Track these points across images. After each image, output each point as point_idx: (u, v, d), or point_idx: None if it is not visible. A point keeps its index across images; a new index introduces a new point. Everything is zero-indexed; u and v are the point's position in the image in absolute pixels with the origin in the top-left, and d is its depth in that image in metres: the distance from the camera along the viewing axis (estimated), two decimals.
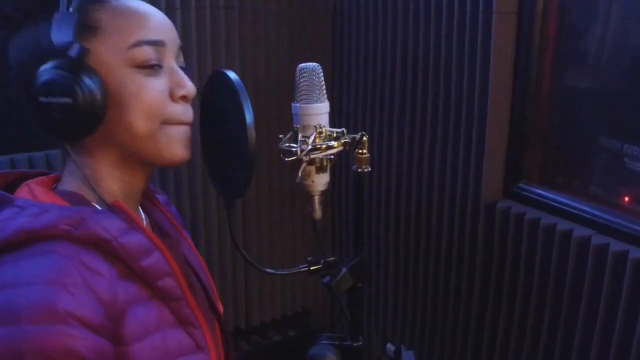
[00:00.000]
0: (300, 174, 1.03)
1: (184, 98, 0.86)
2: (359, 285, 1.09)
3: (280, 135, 1.05)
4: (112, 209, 0.81)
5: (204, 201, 2.16)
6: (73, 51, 0.76)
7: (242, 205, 2.26)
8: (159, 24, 0.85)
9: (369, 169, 1.04)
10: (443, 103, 1.78)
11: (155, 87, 0.83)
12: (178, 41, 0.89)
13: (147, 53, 0.82)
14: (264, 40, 2.16)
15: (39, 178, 0.86)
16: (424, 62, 1.84)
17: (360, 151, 1.03)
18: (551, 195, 1.59)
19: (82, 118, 0.77)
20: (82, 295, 0.69)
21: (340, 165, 2.31)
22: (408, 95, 1.92)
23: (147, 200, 0.98)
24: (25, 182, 0.83)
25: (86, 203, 0.83)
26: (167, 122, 0.85)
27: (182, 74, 0.87)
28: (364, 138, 1.02)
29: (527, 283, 1.57)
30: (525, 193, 1.66)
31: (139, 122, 0.82)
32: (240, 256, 1.07)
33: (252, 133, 0.88)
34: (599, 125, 1.51)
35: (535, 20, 1.57)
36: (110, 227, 0.76)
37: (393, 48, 1.96)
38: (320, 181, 1.05)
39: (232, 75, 0.91)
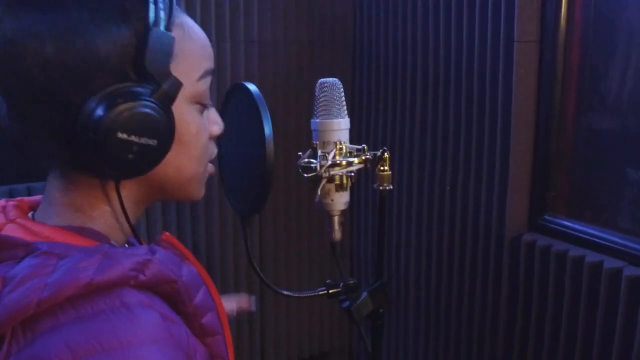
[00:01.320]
0: (319, 192, 1.00)
1: (216, 137, 0.80)
2: (380, 310, 1.03)
3: (300, 153, 1.03)
4: (161, 243, 0.72)
5: (220, 220, 2.11)
6: (170, 85, 0.62)
7: (259, 228, 2.21)
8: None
9: (391, 187, 1.01)
10: (465, 133, 1.75)
11: (205, 128, 0.74)
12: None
13: (207, 86, 0.72)
14: (284, 70, 2.16)
15: (12, 210, 0.68)
16: (444, 92, 1.82)
17: (381, 168, 1.00)
18: (579, 227, 1.53)
19: (152, 159, 0.64)
20: (173, 346, 0.59)
21: (359, 184, 2.26)
22: (429, 125, 1.89)
23: None
24: (3, 217, 0.67)
25: (103, 240, 0.69)
26: (208, 165, 0.78)
27: (214, 110, 0.80)
28: (386, 154, 0.99)
29: (555, 318, 1.50)
30: (551, 225, 1.60)
31: (193, 165, 0.72)
32: (258, 281, 1.03)
33: (270, 145, 0.85)
34: (626, 156, 1.47)
35: (557, 48, 1.55)
36: (172, 266, 0.65)
37: (413, 78, 1.95)
38: (340, 200, 1.01)
39: (252, 87, 0.89)
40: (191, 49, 0.68)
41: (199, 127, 0.71)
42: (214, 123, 0.77)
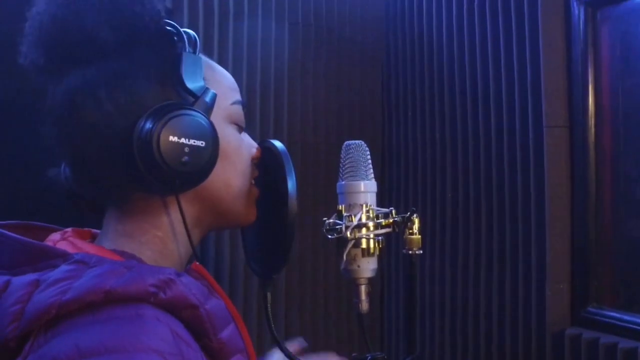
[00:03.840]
0: (344, 257, 0.94)
1: (254, 158, 0.84)
2: None
3: (325, 218, 0.99)
4: (191, 273, 0.70)
5: (245, 282, 1.99)
6: (208, 96, 0.71)
7: (284, 301, 2.08)
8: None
9: (421, 252, 0.95)
10: (497, 224, 1.70)
11: (246, 145, 0.81)
12: None
13: (241, 112, 0.81)
14: (313, 127, 2.15)
15: (70, 232, 0.74)
16: (474, 184, 1.79)
17: (410, 231, 0.95)
18: (628, 318, 1.42)
19: (204, 162, 0.69)
20: None
21: (391, 251, 2.16)
22: (460, 219, 1.84)
23: None
24: (60, 236, 0.72)
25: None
26: (252, 181, 0.82)
27: (248, 135, 0.86)
28: (415, 216, 0.94)
29: None
30: (597, 317, 1.49)
31: (239, 179, 0.78)
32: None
33: (293, 199, 0.82)
34: None
35: (588, 132, 1.53)
36: (197, 292, 0.64)
37: (442, 174, 1.93)
38: (367, 266, 0.95)
39: (277, 144, 0.88)
40: (220, 79, 0.78)
41: (239, 143, 0.78)
42: (251, 146, 0.82)
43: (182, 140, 0.66)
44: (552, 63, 1.55)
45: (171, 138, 0.66)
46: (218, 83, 0.76)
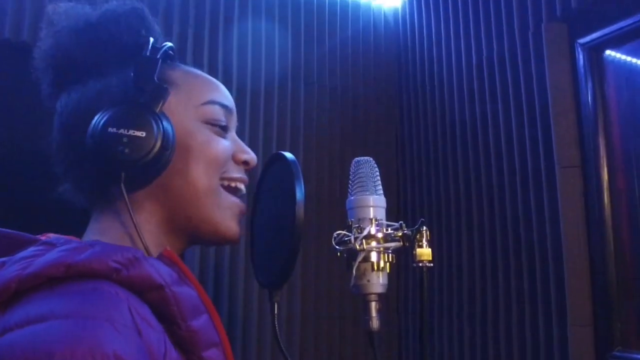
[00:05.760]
0: (354, 271, 0.94)
1: (245, 163, 0.85)
2: None
3: (334, 234, 1.00)
4: (161, 258, 0.70)
5: (244, 297, 1.97)
6: (159, 93, 0.74)
7: (287, 315, 2.03)
8: (228, 94, 0.88)
9: (431, 265, 0.94)
10: (514, 266, 1.67)
11: (222, 143, 0.81)
12: (237, 123, 0.91)
13: (218, 112, 0.82)
14: (328, 183, 2.17)
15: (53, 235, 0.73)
16: (490, 225, 1.78)
17: (420, 243, 0.95)
18: None
19: (150, 156, 0.71)
20: (133, 338, 0.55)
21: (407, 271, 2.10)
22: (477, 260, 1.82)
23: None
24: (41, 237, 0.72)
25: None
26: (226, 179, 0.81)
27: (244, 144, 0.87)
28: (424, 228, 0.94)
29: None
30: None
31: (200, 173, 0.77)
32: None
33: (300, 206, 0.83)
34: None
35: (601, 171, 1.54)
36: (164, 274, 0.64)
37: (458, 212, 1.93)
38: (377, 281, 0.94)
39: (287, 154, 0.91)
40: (193, 82, 0.81)
41: (208, 139, 0.78)
42: (241, 151, 0.83)
43: (121, 130, 0.69)
44: (561, 105, 1.58)
45: (109, 129, 0.69)
46: (188, 84, 0.80)
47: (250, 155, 0.85)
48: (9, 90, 1.67)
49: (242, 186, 0.85)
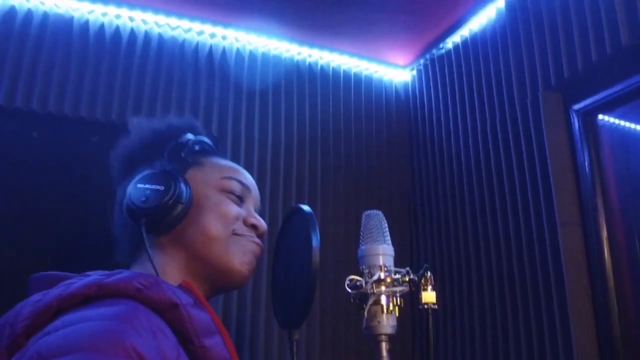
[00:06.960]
0: (366, 314, 1.04)
1: (253, 227, 0.99)
2: None
3: (347, 279, 1.09)
4: (180, 287, 0.84)
5: (266, 332, 2.00)
6: (176, 163, 0.98)
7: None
8: (250, 177, 1.05)
9: (435, 307, 1.03)
10: (523, 321, 1.73)
11: (233, 207, 0.98)
12: (259, 204, 1.06)
13: (235, 185, 1.00)
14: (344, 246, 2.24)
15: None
16: (498, 281, 1.85)
17: (425, 287, 1.04)
18: None
19: (165, 205, 0.89)
20: (150, 340, 0.66)
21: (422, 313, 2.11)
22: (488, 318, 1.87)
23: None
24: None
25: None
26: (237, 233, 0.96)
27: (258, 215, 1.02)
28: (428, 273, 1.04)
29: None
30: None
31: (212, 223, 0.94)
32: None
33: (316, 252, 0.95)
34: None
35: (600, 229, 1.62)
36: (181, 296, 0.77)
37: (468, 270, 2.00)
38: (387, 322, 1.03)
39: (304, 207, 1.03)
40: (217, 164, 1.03)
41: (220, 201, 0.97)
42: (253, 217, 1.00)
43: (146, 185, 0.90)
44: (560, 167, 1.68)
45: (138, 185, 0.91)
46: (212, 165, 1.01)
47: (260, 222, 1.00)
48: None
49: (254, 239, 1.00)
